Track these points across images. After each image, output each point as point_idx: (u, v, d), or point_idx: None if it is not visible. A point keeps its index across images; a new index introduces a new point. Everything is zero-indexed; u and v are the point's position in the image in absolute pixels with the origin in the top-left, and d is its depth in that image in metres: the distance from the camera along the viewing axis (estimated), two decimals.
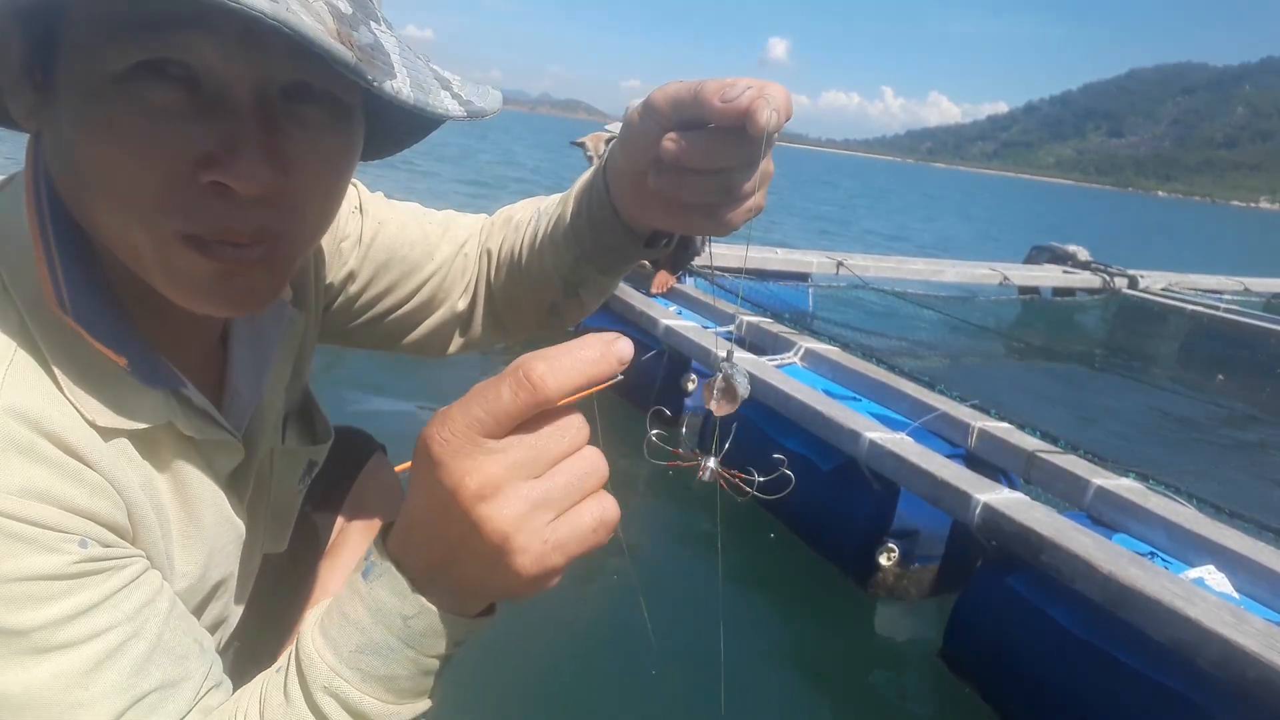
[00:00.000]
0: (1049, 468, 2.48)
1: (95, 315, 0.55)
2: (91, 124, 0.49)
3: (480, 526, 0.44)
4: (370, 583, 0.50)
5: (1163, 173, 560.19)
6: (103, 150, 0.50)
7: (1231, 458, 4.11)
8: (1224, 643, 1.62)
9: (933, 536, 2.50)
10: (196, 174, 0.50)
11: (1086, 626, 1.89)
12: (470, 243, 0.95)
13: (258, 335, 0.73)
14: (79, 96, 0.50)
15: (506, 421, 0.44)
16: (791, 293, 5.09)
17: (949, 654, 2.20)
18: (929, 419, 2.81)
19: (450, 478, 0.44)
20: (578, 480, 0.46)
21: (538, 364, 0.44)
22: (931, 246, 14.97)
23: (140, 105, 0.49)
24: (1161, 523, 2.17)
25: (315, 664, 0.51)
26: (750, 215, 0.63)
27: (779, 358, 3.41)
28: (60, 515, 0.50)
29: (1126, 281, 7.01)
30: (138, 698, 0.52)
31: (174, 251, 0.53)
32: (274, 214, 0.54)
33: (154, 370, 0.58)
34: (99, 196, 0.52)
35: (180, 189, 0.50)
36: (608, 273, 0.82)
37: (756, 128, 0.54)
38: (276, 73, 0.51)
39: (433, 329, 0.95)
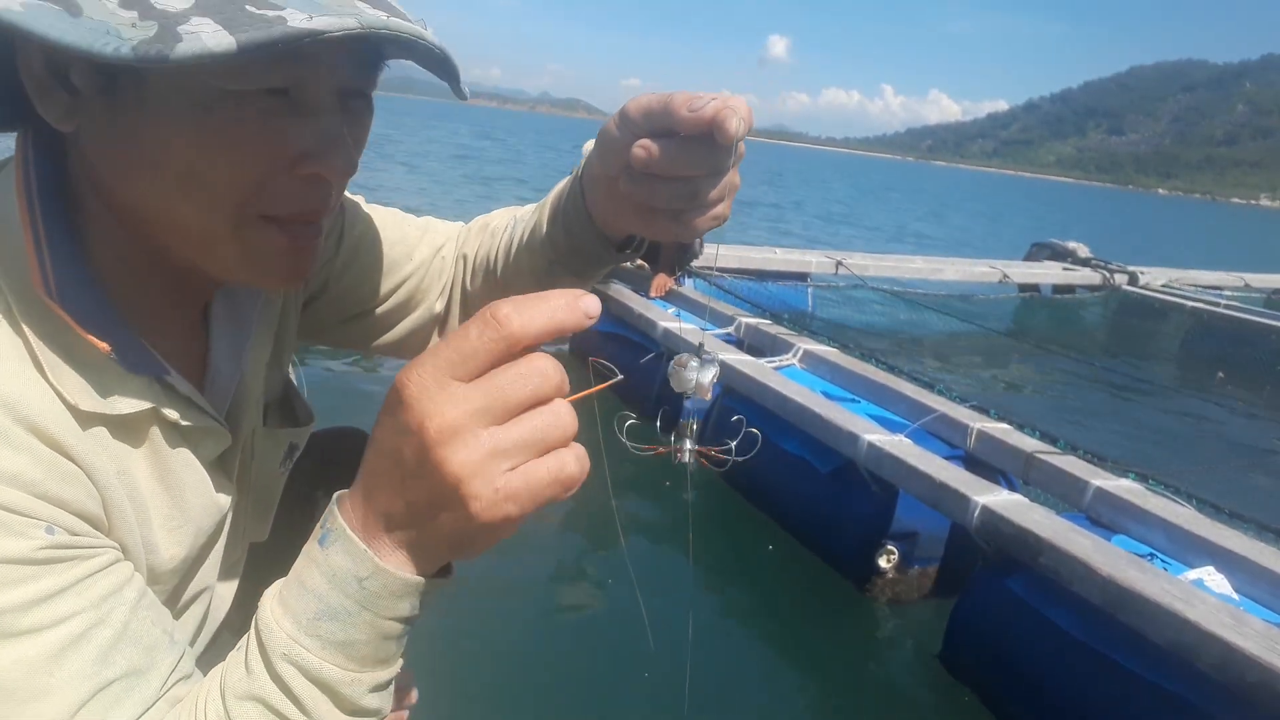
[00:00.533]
0: (1048, 468, 2.47)
1: (81, 303, 0.56)
2: (192, 126, 0.54)
3: (437, 469, 0.45)
4: (326, 548, 0.51)
5: (1163, 170, 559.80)
6: (204, 153, 0.55)
7: (1232, 457, 4.10)
8: (1223, 645, 1.61)
9: (932, 538, 2.50)
10: (294, 167, 0.58)
11: (1086, 629, 1.88)
12: (447, 246, 0.97)
13: (236, 313, 0.74)
14: (180, 103, 0.54)
15: (474, 362, 0.45)
16: (791, 293, 5.08)
17: (948, 657, 2.20)
18: (928, 420, 2.81)
19: (414, 418, 0.45)
20: (539, 432, 0.46)
21: (504, 305, 0.45)
22: (946, 243, 15.01)
23: (254, 115, 0.55)
24: (1161, 524, 2.16)
25: (274, 633, 0.51)
26: (715, 223, 0.66)
27: (777, 359, 3.41)
28: (28, 500, 0.51)
29: (1127, 278, 7.00)
30: (102, 685, 0.52)
31: (255, 231, 0.59)
32: (337, 193, 0.63)
33: (138, 357, 0.59)
34: (185, 189, 0.56)
35: (275, 181, 0.58)
36: (581, 276, 0.84)
37: (725, 135, 0.58)
38: (347, 78, 0.59)
39: (410, 330, 0.96)
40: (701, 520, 2.86)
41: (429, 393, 0.45)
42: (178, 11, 0.49)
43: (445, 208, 10.20)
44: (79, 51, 0.48)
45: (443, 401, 0.45)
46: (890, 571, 2.47)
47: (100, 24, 0.48)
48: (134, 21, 0.49)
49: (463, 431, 0.45)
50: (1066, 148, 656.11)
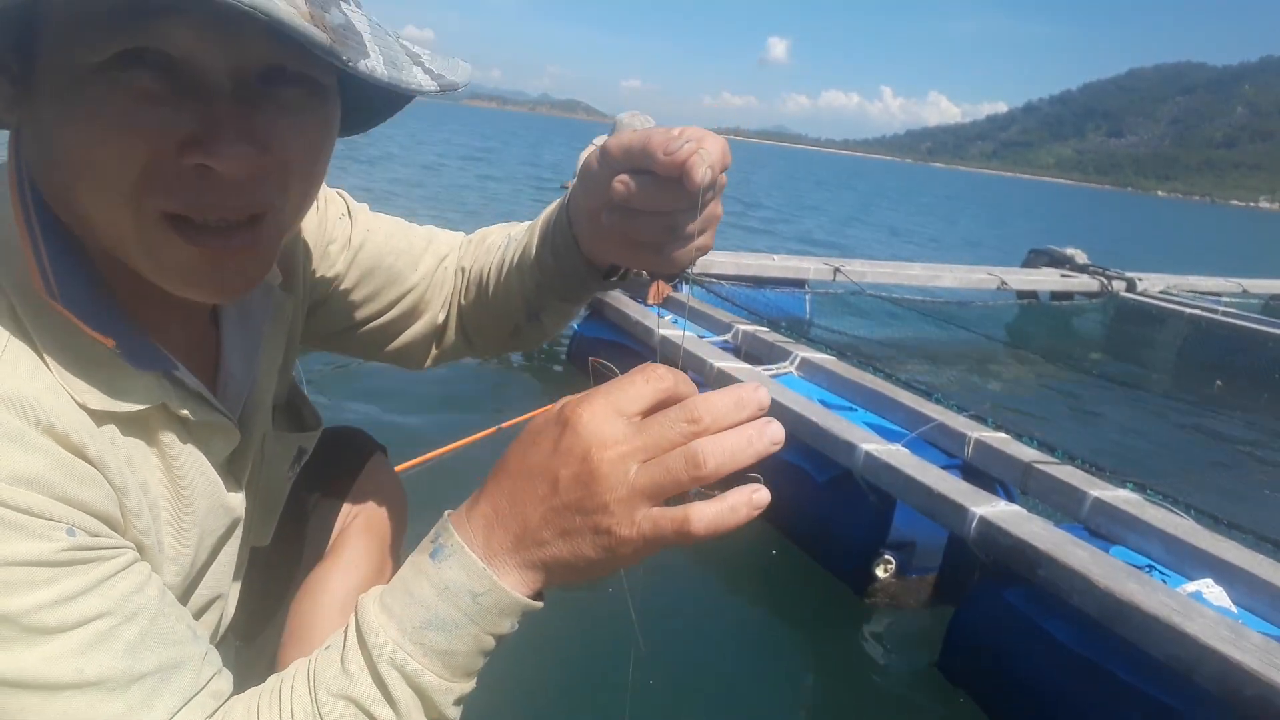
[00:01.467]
0: (1046, 479, 2.47)
1: (83, 300, 0.56)
2: (74, 111, 0.51)
3: (593, 496, 0.50)
4: (439, 563, 0.54)
5: (1162, 172, 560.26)
6: (86, 136, 0.51)
7: (1230, 466, 4.10)
8: (1222, 659, 1.60)
9: (929, 548, 2.49)
10: (179, 156, 0.52)
11: (1084, 642, 1.88)
12: (450, 257, 0.98)
13: (246, 317, 0.74)
14: (60, 86, 0.51)
15: (641, 405, 0.52)
16: (788, 299, 5.08)
17: (946, 668, 2.19)
18: (925, 429, 2.80)
19: (581, 445, 0.50)
20: (681, 483, 0.51)
21: (699, 404, 0.51)
22: (958, 247, 15.05)
23: (121, 91, 0.50)
24: (1159, 535, 2.16)
25: (379, 637, 0.54)
26: (698, 254, 0.68)
27: (775, 367, 3.40)
28: (48, 503, 0.51)
29: (1125, 284, 7.00)
30: (135, 678, 0.53)
31: (158, 236, 0.54)
32: (258, 193, 0.56)
33: (144, 352, 0.59)
34: (82, 182, 0.53)
35: (163, 170, 0.52)
36: (568, 300, 0.86)
37: (692, 183, 0.59)
38: (253, 56, 0.53)
39: (412, 339, 0.97)
40: None
41: (597, 424, 0.51)
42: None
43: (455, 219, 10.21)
44: None
45: (609, 437, 0.50)
46: (888, 581, 2.47)
47: None
48: None
49: (621, 465, 0.50)
50: (1066, 150, 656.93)
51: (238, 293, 0.60)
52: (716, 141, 0.61)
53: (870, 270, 5.88)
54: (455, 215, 10.04)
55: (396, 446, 1.18)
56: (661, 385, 0.52)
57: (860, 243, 14.11)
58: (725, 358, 3.37)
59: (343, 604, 0.99)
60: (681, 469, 0.50)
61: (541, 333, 0.93)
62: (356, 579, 1.02)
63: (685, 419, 0.51)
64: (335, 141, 0.63)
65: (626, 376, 0.53)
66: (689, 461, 0.50)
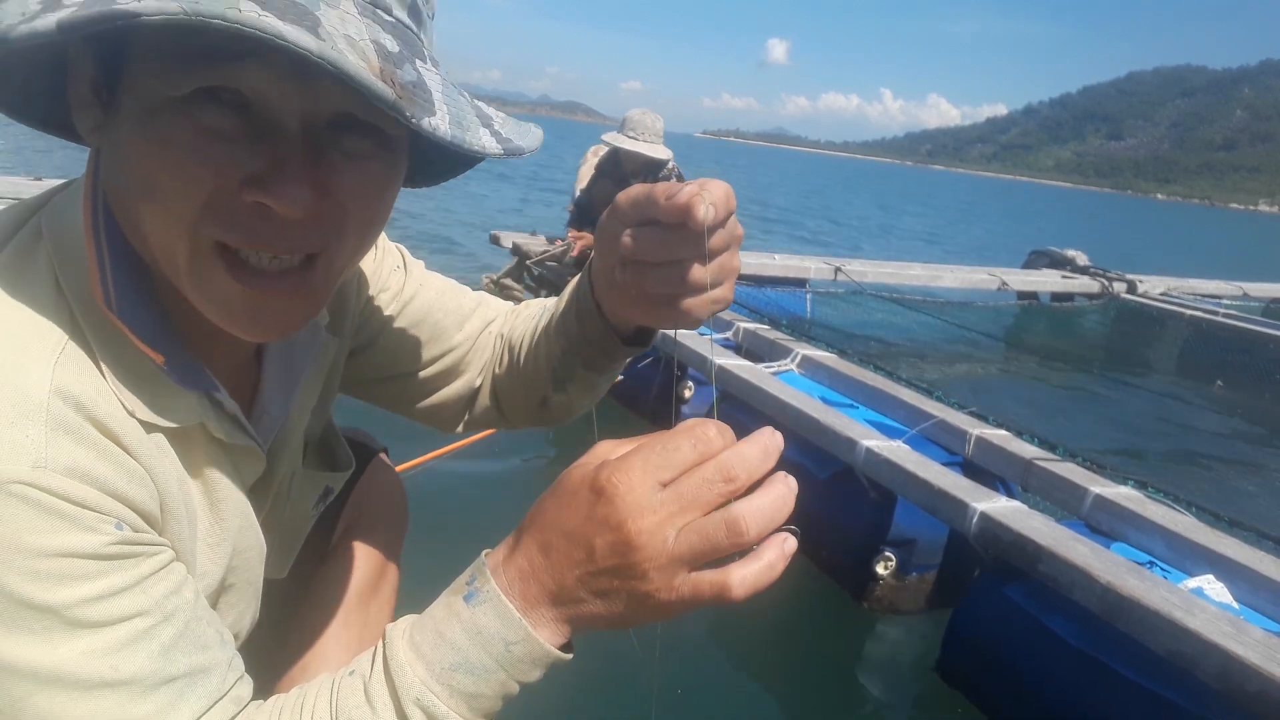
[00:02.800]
0: (1047, 475, 2.47)
1: (138, 316, 0.58)
2: (148, 138, 0.53)
3: (631, 566, 0.50)
4: (473, 607, 0.54)
5: (1162, 175, 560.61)
6: (155, 163, 0.53)
7: (1230, 465, 4.10)
8: (1223, 654, 1.60)
9: (930, 545, 2.49)
10: (241, 192, 0.53)
11: (1085, 637, 1.88)
12: (495, 324, 0.98)
13: (290, 356, 0.75)
14: (139, 114, 0.53)
15: (677, 471, 0.51)
16: (789, 298, 5.08)
17: (946, 664, 2.19)
18: (926, 426, 2.80)
19: (616, 515, 0.50)
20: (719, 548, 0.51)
21: (732, 459, 0.51)
22: (970, 250, 15.07)
23: (195, 125, 0.52)
24: (1160, 531, 2.16)
25: (408, 676, 0.54)
26: (715, 308, 0.67)
27: (776, 365, 3.40)
28: (99, 497, 0.52)
29: (1125, 286, 7.00)
30: (165, 680, 0.54)
31: (208, 266, 0.56)
32: (313, 236, 0.57)
33: (190, 372, 0.60)
34: (146, 205, 0.55)
35: (224, 203, 0.54)
36: (592, 369, 0.85)
37: (695, 223, 0.59)
38: (324, 104, 0.54)
39: (447, 399, 0.97)
40: None
41: (634, 495, 0.50)
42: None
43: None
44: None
45: (645, 506, 0.50)
46: (888, 578, 2.46)
47: (17, 4, 0.47)
48: (40, 5, 0.47)
49: (659, 533, 0.50)
50: (1065, 152, 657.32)
51: (276, 334, 0.61)
52: (719, 184, 0.61)
53: (871, 270, 5.88)
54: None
55: (396, 446, 1.17)
56: (709, 450, 0.51)
57: (906, 251, 14.04)
58: (726, 355, 3.37)
59: (343, 605, 0.99)
60: (723, 537, 0.50)
61: (568, 405, 0.92)
62: (357, 580, 1.02)
63: (722, 479, 0.50)
64: (397, 193, 0.64)
65: (671, 437, 0.52)
66: (731, 530, 0.50)
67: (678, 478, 0.51)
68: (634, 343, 0.82)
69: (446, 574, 0.59)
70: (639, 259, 0.65)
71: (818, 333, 4.34)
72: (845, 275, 5.64)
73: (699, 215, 0.59)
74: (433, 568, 2.18)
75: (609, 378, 0.90)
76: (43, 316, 0.55)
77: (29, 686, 0.50)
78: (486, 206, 12.37)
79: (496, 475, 2.97)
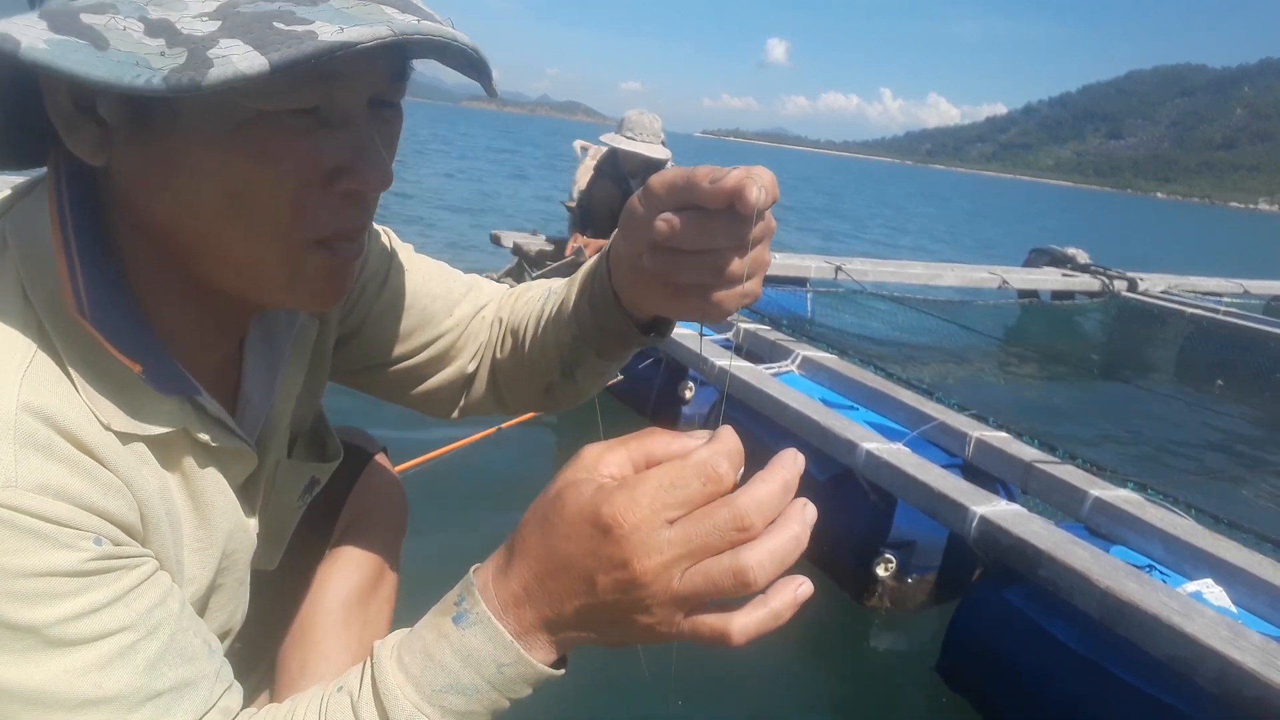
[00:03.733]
0: (1046, 478, 2.47)
1: (113, 322, 0.56)
2: (235, 150, 0.53)
3: (634, 605, 0.49)
4: (464, 629, 0.53)
5: (1161, 174, 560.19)
6: (248, 175, 0.54)
7: (1231, 465, 4.10)
8: (1221, 659, 1.61)
9: (930, 547, 2.49)
10: (330, 184, 0.56)
11: (1084, 641, 1.88)
12: (489, 308, 0.96)
13: (270, 343, 0.74)
14: (220, 127, 0.53)
15: (686, 508, 0.48)
16: (789, 298, 5.08)
17: (945, 667, 2.19)
18: (926, 429, 2.81)
19: (621, 554, 0.48)
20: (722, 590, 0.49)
21: (742, 500, 0.48)
22: (974, 248, 15.09)
23: (279, 130, 0.53)
24: (1159, 534, 2.16)
25: (398, 699, 0.53)
26: (744, 301, 0.65)
27: (776, 366, 3.40)
28: (74, 512, 0.51)
29: (1126, 284, 7.00)
30: (151, 695, 0.54)
31: (307, 258, 0.58)
32: (373, 205, 0.62)
33: (169, 378, 0.59)
34: (231, 221, 0.55)
35: (313, 200, 0.56)
36: (604, 357, 0.83)
37: (746, 205, 0.56)
38: (379, 85, 0.58)
39: (439, 386, 0.95)
40: None
41: (641, 535, 0.47)
42: (205, 35, 0.48)
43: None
44: (109, 86, 0.47)
45: (653, 546, 0.47)
46: (887, 580, 2.47)
47: (128, 55, 0.47)
48: (162, 50, 0.48)
49: (665, 574, 0.48)
50: (1065, 152, 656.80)
51: (344, 294, 0.63)
52: (765, 171, 0.59)
53: (872, 269, 5.88)
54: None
55: (396, 447, 1.17)
56: (720, 490, 0.49)
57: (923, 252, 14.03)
58: (727, 355, 3.37)
59: (343, 605, 0.99)
60: (729, 584, 0.48)
61: (575, 392, 0.90)
62: (357, 580, 1.02)
63: (734, 527, 0.47)
64: None
65: (680, 473, 0.48)
66: (738, 578, 0.47)
67: (686, 515, 0.48)
68: (651, 332, 0.79)
69: (446, 574, 0.59)
70: (674, 245, 0.62)
71: (818, 332, 4.35)
72: (846, 274, 5.64)
73: (751, 199, 0.56)
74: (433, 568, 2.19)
75: (619, 365, 0.88)
76: (8, 328, 0.54)
77: (13, 707, 0.49)
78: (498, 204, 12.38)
79: (496, 475, 2.97)
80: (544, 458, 3.25)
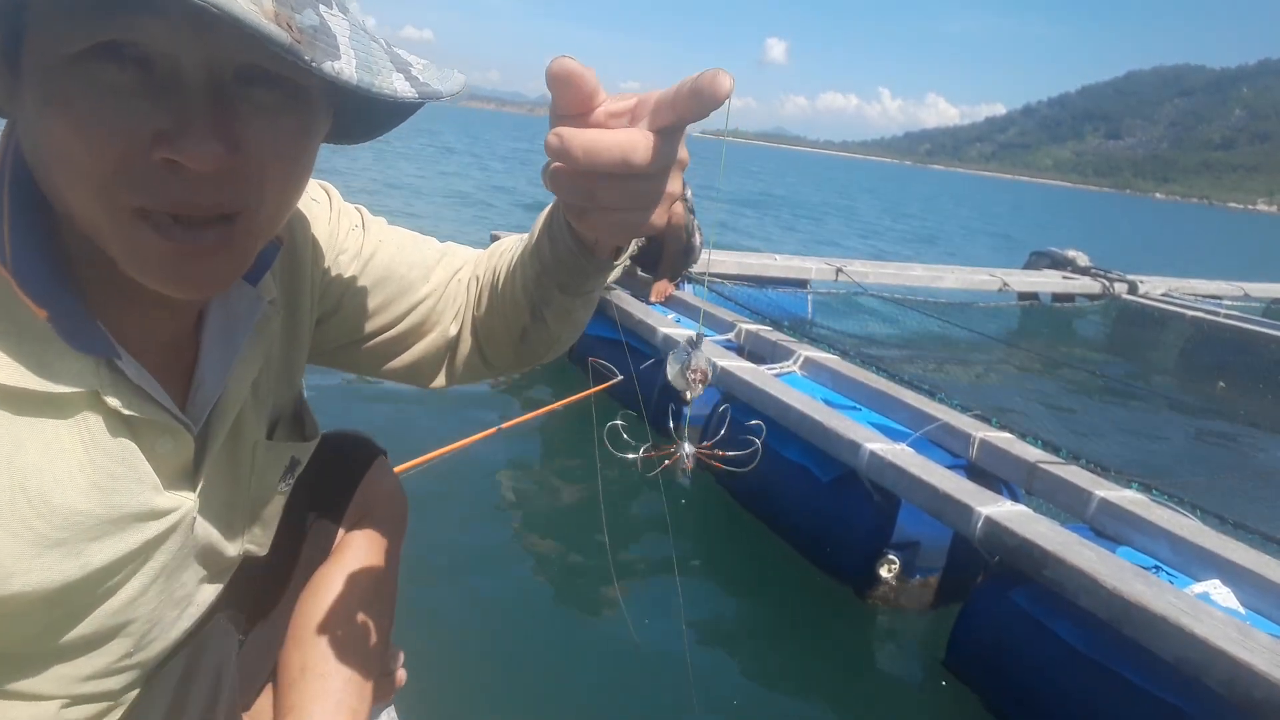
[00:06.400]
0: (1051, 479, 2.46)
1: (32, 270, 0.56)
2: (51, 102, 0.51)
3: None
4: None
5: (1160, 174, 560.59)
6: (61, 127, 0.51)
7: (1233, 466, 4.09)
8: (1230, 660, 1.60)
9: (934, 548, 2.48)
10: (150, 151, 0.52)
11: (1091, 642, 1.87)
12: (465, 270, 0.95)
13: (230, 327, 0.73)
14: (39, 77, 0.51)
15: None
16: (790, 299, 5.08)
17: (951, 668, 2.18)
18: (930, 429, 2.80)
19: None
20: None
21: None
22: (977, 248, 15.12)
23: (95, 84, 0.50)
24: (1165, 535, 2.15)
25: None
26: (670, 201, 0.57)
27: (778, 366, 3.39)
28: None
29: (1126, 287, 7.00)
30: None
31: (131, 228, 0.54)
32: (230, 192, 0.55)
33: (83, 334, 0.58)
34: (60, 172, 0.53)
35: (135, 165, 0.52)
36: (567, 291, 0.81)
37: (721, 92, 0.49)
38: (228, 55, 0.53)
39: (422, 354, 0.95)
40: (699, 527, 2.84)
41: None
42: None
43: None
44: None
45: None
46: (891, 581, 2.46)
47: None
48: None
49: None
50: (1064, 152, 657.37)
51: (207, 291, 0.60)
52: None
53: (872, 271, 5.88)
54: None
55: (396, 447, 1.17)
56: None
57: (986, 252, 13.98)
58: (729, 356, 3.36)
59: (345, 606, 0.99)
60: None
61: (548, 335, 0.88)
62: (360, 580, 1.02)
63: None
64: (316, 146, 0.63)
65: None
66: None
67: None
68: (607, 259, 0.77)
69: (446, 573, 0.58)
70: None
71: (819, 334, 4.34)
72: (846, 276, 5.63)
73: (724, 84, 0.48)
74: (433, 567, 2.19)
75: (586, 303, 0.85)
76: None
77: None
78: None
79: (496, 475, 2.96)
80: (543, 458, 3.24)
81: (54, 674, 0.68)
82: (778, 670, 2.16)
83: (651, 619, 2.21)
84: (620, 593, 2.37)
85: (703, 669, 2.08)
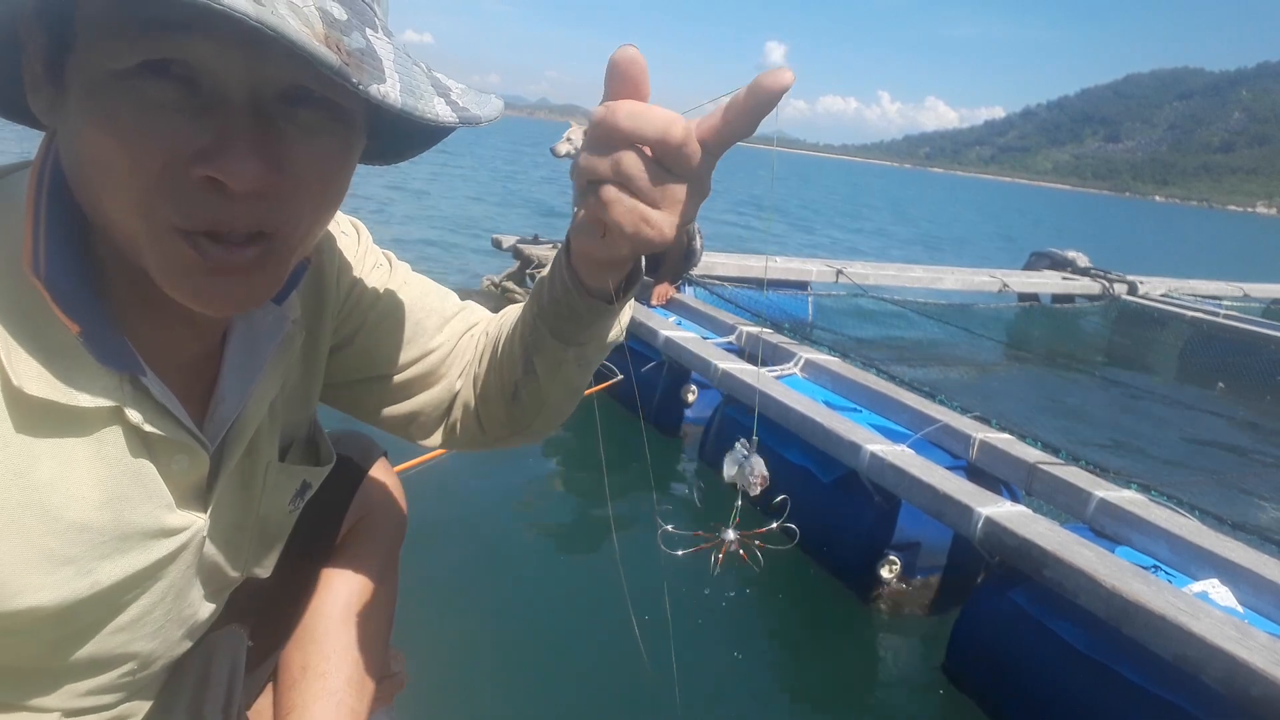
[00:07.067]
0: (1050, 479, 2.47)
1: (65, 284, 0.57)
2: (95, 116, 0.52)
3: None
4: None
5: (1160, 177, 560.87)
6: (104, 140, 0.52)
7: (1233, 466, 4.10)
8: (1229, 658, 1.60)
9: (934, 549, 2.49)
10: (191, 168, 0.52)
11: (1090, 641, 1.88)
12: (479, 327, 0.95)
13: (253, 345, 0.73)
14: (85, 90, 0.52)
15: None
16: (791, 301, 5.09)
17: (951, 668, 2.19)
18: (930, 430, 2.81)
19: None
20: None
21: None
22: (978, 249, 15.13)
23: (140, 99, 0.51)
24: (1164, 535, 2.16)
25: None
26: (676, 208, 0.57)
27: (779, 368, 3.41)
28: None
29: (1126, 288, 7.01)
30: None
31: (168, 242, 0.55)
32: (268, 212, 0.56)
33: (112, 349, 0.58)
34: (101, 185, 0.54)
35: (175, 181, 0.52)
36: (557, 336, 0.78)
37: (780, 86, 0.51)
38: (273, 75, 0.53)
39: (423, 405, 0.93)
40: (701, 528, 2.85)
41: None
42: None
43: None
44: None
45: None
46: (892, 582, 2.47)
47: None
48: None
49: None
50: (1063, 155, 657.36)
51: (239, 308, 0.60)
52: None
53: (873, 273, 5.89)
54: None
55: (396, 447, 1.17)
56: None
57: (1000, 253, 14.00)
58: (729, 359, 3.37)
59: (345, 606, 1.00)
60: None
61: (539, 391, 0.84)
62: (359, 582, 1.03)
63: None
64: (354, 168, 0.63)
65: None
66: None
67: None
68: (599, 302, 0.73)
69: (446, 573, 0.59)
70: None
71: (820, 336, 4.35)
72: (847, 277, 5.64)
73: (785, 79, 0.50)
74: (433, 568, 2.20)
75: (579, 360, 0.80)
76: None
77: None
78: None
79: (496, 475, 2.97)
80: (543, 458, 3.24)
81: (58, 688, 0.68)
82: (778, 670, 2.17)
83: (654, 617, 2.22)
84: (625, 591, 2.38)
85: (703, 669, 2.08)
